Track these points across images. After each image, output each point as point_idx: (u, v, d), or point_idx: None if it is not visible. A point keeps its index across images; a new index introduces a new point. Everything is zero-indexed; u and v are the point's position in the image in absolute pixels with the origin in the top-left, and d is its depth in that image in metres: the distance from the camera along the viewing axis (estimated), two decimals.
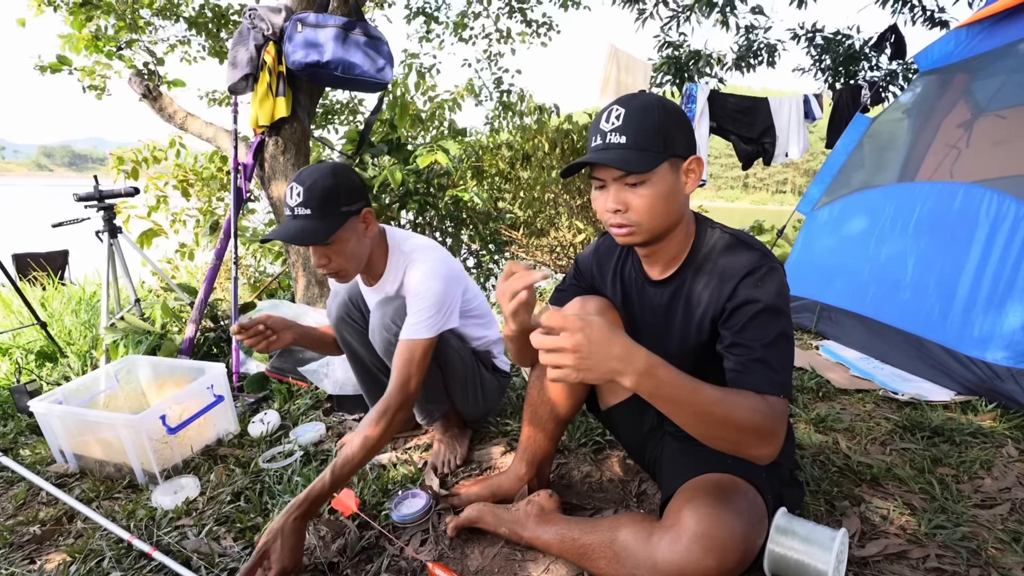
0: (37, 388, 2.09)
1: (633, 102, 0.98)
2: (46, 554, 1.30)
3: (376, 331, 1.45)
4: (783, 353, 0.96)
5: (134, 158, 4.07)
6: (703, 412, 0.85)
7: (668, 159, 0.96)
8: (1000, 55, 2.35)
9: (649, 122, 0.95)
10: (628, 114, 0.96)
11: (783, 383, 0.94)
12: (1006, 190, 2.01)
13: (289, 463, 1.60)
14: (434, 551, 1.22)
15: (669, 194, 0.98)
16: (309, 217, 1.29)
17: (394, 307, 1.43)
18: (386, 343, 1.44)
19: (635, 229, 1.00)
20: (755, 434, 0.88)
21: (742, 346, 0.97)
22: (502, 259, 5.10)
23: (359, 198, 1.36)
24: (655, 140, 0.95)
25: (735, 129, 4.87)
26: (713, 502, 0.95)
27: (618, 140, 0.96)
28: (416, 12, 6.71)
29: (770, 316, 0.97)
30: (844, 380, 2.16)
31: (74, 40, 3.25)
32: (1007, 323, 1.90)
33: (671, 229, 1.04)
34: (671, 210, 1.00)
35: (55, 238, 4.18)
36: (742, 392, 0.92)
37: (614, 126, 0.97)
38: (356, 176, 1.38)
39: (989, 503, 1.35)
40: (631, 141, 0.95)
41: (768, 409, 0.90)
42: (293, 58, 2.38)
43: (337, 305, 1.59)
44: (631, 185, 0.97)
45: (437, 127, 4.48)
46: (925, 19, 5.60)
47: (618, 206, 0.99)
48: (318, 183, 1.29)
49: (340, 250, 1.35)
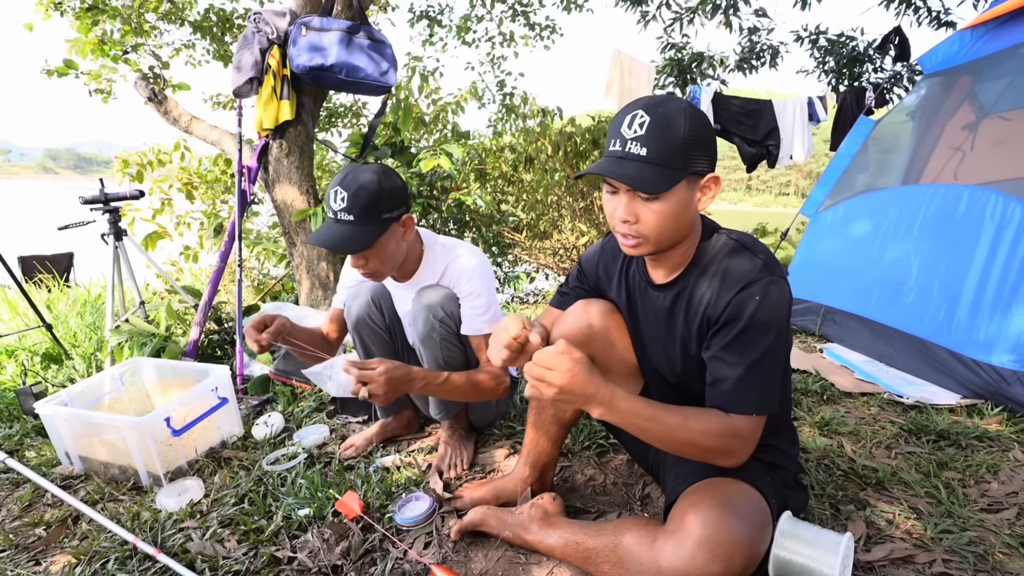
0: (43, 390, 2.09)
1: (659, 110, 0.92)
2: (51, 556, 1.30)
3: (421, 315, 1.47)
4: (765, 372, 0.97)
5: (139, 161, 4.10)
6: (663, 436, 0.96)
7: (686, 177, 0.93)
8: (1005, 57, 2.34)
9: (672, 136, 0.91)
10: (652, 124, 0.91)
11: (757, 401, 0.97)
12: (1011, 192, 2.01)
13: (293, 465, 1.61)
14: (438, 554, 1.22)
15: (681, 212, 0.96)
16: (352, 224, 1.31)
17: (443, 294, 1.48)
18: (430, 328, 1.47)
19: (642, 241, 0.99)
20: (715, 452, 0.97)
21: (722, 362, 0.99)
22: (505, 261, 5.09)
23: (400, 203, 1.37)
24: (676, 157, 0.91)
25: (739, 131, 4.87)
26: (717, 507, 0.94)
27: (638, 151, 0.92)
28: (419, 16, 6.74)
29: (758, 333, 0.96)
30: (849, 383, 2.15)
31: (81, 44, 3.28)
32: (1013, 326, 1.89)
33: (679, 242, 1.03)
34: (681, 226, 0.98)
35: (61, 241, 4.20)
36: (705, 414, 0.98)
37: (636, 135, 0.92)
38: (399, 180, 1.39)
39: (996, 507, 1.34)
40: (651, 155, 0.91)
41: (729, 430, 0.96)
42: (297, 62, 2.39)
43: (359, 305, 1.60)
44: (644, 199, 0.95)
45: (440, 130, 4.49)
46: (931, 20, 5.58)
47: (628, 217, 0.97)
48: (363, 189, 1.30)
49: (378, 253, 1.37)
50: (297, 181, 2.70)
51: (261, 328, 1.44)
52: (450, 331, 1.48)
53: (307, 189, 2.73)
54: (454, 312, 1.48)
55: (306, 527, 1.32)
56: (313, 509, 1.36)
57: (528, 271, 5.36)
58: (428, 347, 1.51)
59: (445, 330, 1.47)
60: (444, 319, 1.46)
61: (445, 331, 1.47)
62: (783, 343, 0.99)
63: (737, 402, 0.96)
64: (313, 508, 1.36)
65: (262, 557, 1.22)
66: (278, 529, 1.31)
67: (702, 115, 0.96)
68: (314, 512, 1.36)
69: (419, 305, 1.48)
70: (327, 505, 1.37)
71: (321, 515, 1.35)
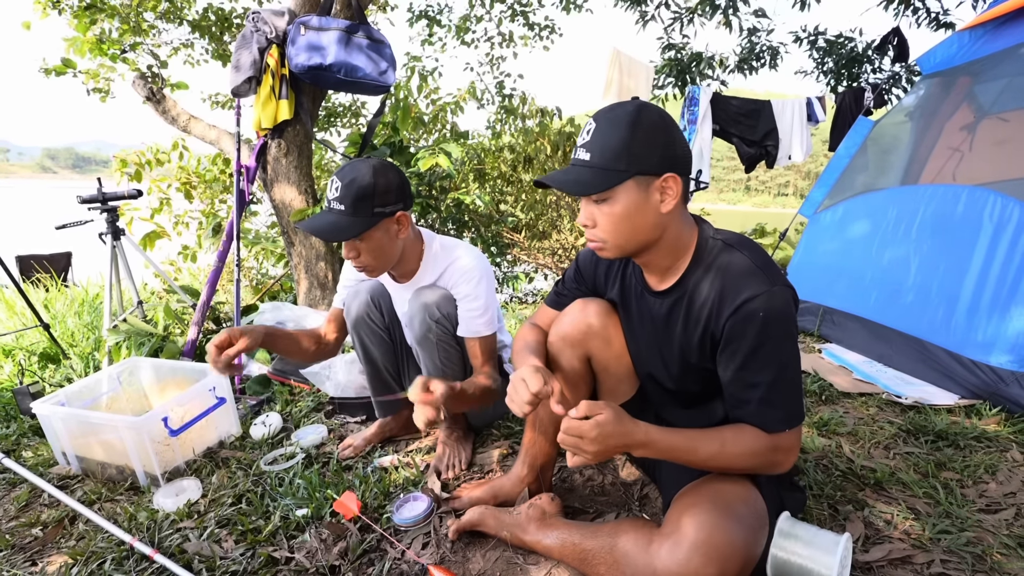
0: (40, 390, 2.09)
1: (607, 116, 0.97)
2: (48, 556, 1.30)
3: (417, 316, 1.47)
4: (787, 385, 0.97)
5: (137, 160, 4.09)
6: (705, 464, 0.99)
7: (632, 177, 0.94)
8: (1003, 58, 2.34)
9: (614, 140, 0.94)
10: (596, 130, 0.96)
11: (786, 417, 0.97)
12: (1009, 193, 2.01)
13: (291, 465, 1.60)
14: (435, 554, 1.22)
15: (634, 213, 0.96)
16: (342, 213, 1.33)
17: (440, 295, 1.47)
18: (426, 329, 1.46)
19: (603, 245, 1.02)
20: (761, 468, 0.99)
21: (742, 383, 0.98)
22: (504, 261, 5.09)
23: (396, 200, 1.37)
24: (619, 159, 0.94)
25: (738, 132, 4.87)
26: (713, 509, 0.94)
27: (584, 157, 0.97)
28: (418, 15, 6.74)
29: (769, 349, 0.95)
30: (847, 384, 2.15)
31: (79, 43, 3.27)
32: (1011, 327, 1.89)
33: (647, 245, 1.02)
34: (638, 228, 0.98)
35: (58, 240, 4.19)
36: (740, 433, 0.98)
37: (583, 141, 0.98)
38: (398, 179, 1.39)
39: (994, 508, 1.34)
40: (595, 159, 0.95)
41: (769, 445, 0.97)
42: (296, 61, 2.38)
43: (359, 304, 1.60)
44: (596, 202, 0.98)
45: (439, 130, 4.48)
46: (930, 21, 5.59)
47: (587, 221, 1.01)
48: (356, 181, 1.32)
49: (370, 247, 1.38)
50: (295, 181, 2.69)
51: (224, 347, 1.32)
52: (447, 332, 1.48)
53: (305, 189, 2.72)
54: (451, 313, 1.48)
55: (304, 527, 1.32)
56: (311, 509, 1.36)
57: (527, 271, 5.36)
58: (425, 348, 1.50)
59: (442, 331, 1.47)
60: (440, 320, 1.46)
61: (442, 332, 1.47)
62: (796, 346, 0.99)
63: (768, 421, 0.97)
64: (311, 508, 1.36)
65: (259, 557, 1.22)
66: (276, 529, 1.31)
67: (658, 117, 0.96)
68: (312, 512, 1.35)
69: (415, 306, 1.48)
70: (325, 505, 1.37)
71: (319, 515, 1.35)
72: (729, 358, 0.99)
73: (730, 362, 0.99)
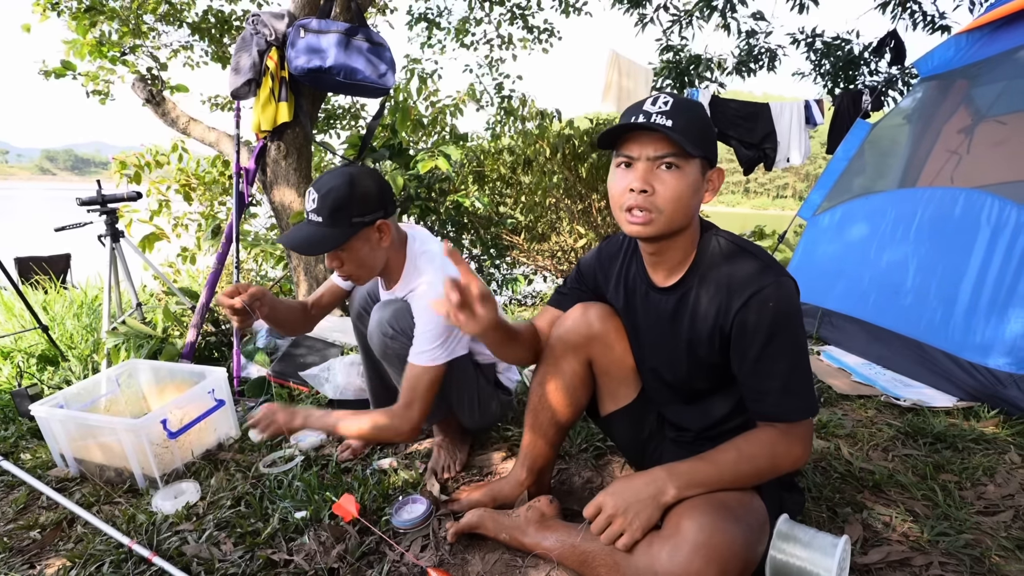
0: (38, 392, 2.09)
1: (682, 98, 0.99)
2: (46, 559, 1.30)
3: (374, 333, 1.43)
4: (803, 373, 0.99)
5: (137, 162, 4.09)
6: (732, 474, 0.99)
7: (703, 158, 0.98)
8: (1000, 61, 2.35)
9: (695, 116, 0.96)
10: (676, 104, 0.95)
11: (804, 406, 0.99)
12: (1007, 195, 2.01)
13: (289, 468, 1.60)
14: (434, 557, 1.21)
15: (694, 192, 0.98)
16: (320, 225, 1.30)
17: (393, 309, 1.41)
18: (383, 346, 1.42)
19: (654, 217, 0.97)
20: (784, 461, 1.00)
21: (759, 375, 1.00)
22: (503, 263, 5.09)
23: (374, 209, 1.33)
24: (699, 135, 0.95)
25: (736, 134, 4.89)
26: (713, 511, 0.94)
27: (663, 122, 0.93)
28: (418, 18, 6.75)
29: (783, 338, 0.97)
30: (846, 386, 2.15)
31: (78, 45, 3.27)
32: (1009, 329, 1.89)
33: (683, 229, 1.03)
34: (689, 208, 0.99)
35: (57, 242, 4.19)
36: (752, 435, 1.00)
37: (661, 109, 0.94)
38: (376, 186, 1.35)
39: (992, 510, 1.34)
40: (677, 127, 0.93)
41: (788, 439, 0.98)
42: (296, 63, 2.39)
43: (359, 298, 1.60)
44: (666, 167, 0.95)
45: (439, 132, 4.49)
46: (926, 24, 5.61)
47: (645, 186, 0.95)
48: (332, 192, 1.28)
49: (351, 257, 1.36)
50: (295, 183, 2.70)
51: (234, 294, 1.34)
52: (404, 347, 1.40)
53: (305, 191, 2.73)
54: (407, 327, 1.39)
55: (303, 530, 1.32)
56: (310, 512, 1.36)
57: (526, 273, 5.36)
58: (389, 363, 1.47)
59: (399, 346, 1.40)
60: (395, 335, 1.39)
61: (399, 347, 1.40)
62: (804, 336, 1.01)
63: (790, 410, 0.99)
64: (310, 511, 1.36)
65: (258, 560, 1.22)
66: (274, 532, 1.31)
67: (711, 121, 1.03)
68: (311, 515, 1.35)
69: (374, 321, 1.43)
70: (324, 508, 1.37)
71: (318, 518, 1.35)
72: (745, 350, 1.00)
73: (746, 354, 1.00)
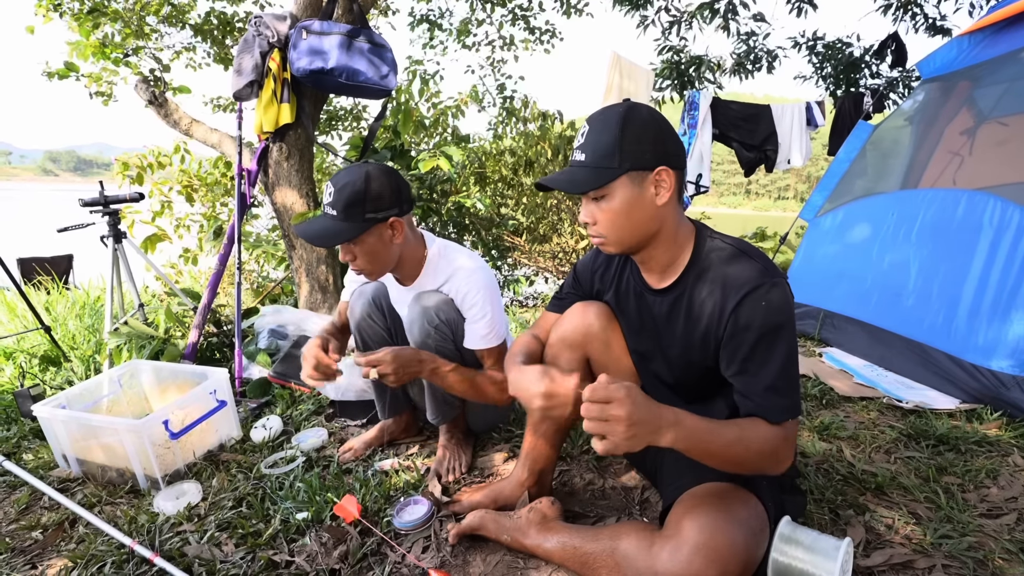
0: (41, 392, 2.09)
1: (599, 117, 1.01)
2: (48, 559, 1.30)
3: (416, 321, 1.47)
4: (790, 375, 0.98)
5: (139, 164, 4.09)
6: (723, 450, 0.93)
7: (625, 173, 0.97)
8: (1002, 63, 2.35)
9: (605, 138, 0.98)
10: (589, 131, 1.00)
11: (791, 406, 0.98)
12: (1009, 197, 2.01)
13: (291, 469, 1.60)
14: (436, 558, 1.21)
15: (631, 207, 0.99)
16: (334, 218, 1.34)
17: (437, 300, 1.47)
18: (425, 335, 1.46)
19: (604, 240, 1.05)
20: (771, 459, 0.97)
21: (747, 375, 0.99)
22: (504, 264, 5.09)
23: (388, 206, 1.37)
24: (610, 156, 0.97)
25: (737, 136, 4.88)
26: (714, 512, 0.94)
27: (579, 158, 1.01)
28: (420, 19, 6.76)
29: (773, 338, 0.97)
30: (848, 388, 2.15)
31: (81, 47, 3.28)
32: (1012, 331, 1.89)
33: (647, 240, 1.04)
34: (636, 222, 1.01)
35: (60, 243, 4.20)
36: (753, 423, 0.97)
37: (578, 143, 1.02)
38: (393, 184, 1.39)
39: (995, 512, 1.34)
40: (588, 158, 0.99)
41: (780, 435, 0.96)
42: (298, 65, 2.39)
43: (362, 304, 1.61)
44: (595, 200, 1.01)
45: (440, 133, 4.49)
46: (927, 27, 5.61)
47: (587, 219, 1.04)
48: (348, 187, 1.33)
49: (363, 251, 1.39)
50: (297, 184, 2.70)
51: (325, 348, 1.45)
52: (446, 338, 1.47)
53: (307, 192, 2.73)
54: (451, 318, 1.47)
55: (304, 531, 1.32)
56: (311, 513, 1.36)
57: (527, 274, 5.36)
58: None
59: (441, 336, 1.46)
60: (439, 326, 1.45)
61: (441, 338, 1.46)
62: (795, 341, 1.01)
63: (774, 409, 0.97)
64: (311, 512, 1.36)
65: (260, 561, 1.22)
66: (276, 533, 1.31)
67: (647, 114, 0.99)
68: (312, 516, 1.35)
69: (415, 311, 1.48)
70: (325, 509, 1.37)
71: (319, 519, 1.35)
72: (735, 349, 1.00)
73: (736, 353, 1.00)
